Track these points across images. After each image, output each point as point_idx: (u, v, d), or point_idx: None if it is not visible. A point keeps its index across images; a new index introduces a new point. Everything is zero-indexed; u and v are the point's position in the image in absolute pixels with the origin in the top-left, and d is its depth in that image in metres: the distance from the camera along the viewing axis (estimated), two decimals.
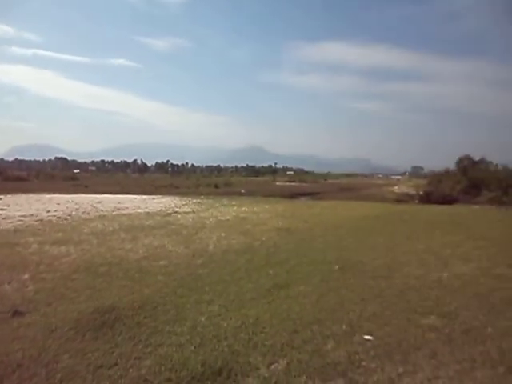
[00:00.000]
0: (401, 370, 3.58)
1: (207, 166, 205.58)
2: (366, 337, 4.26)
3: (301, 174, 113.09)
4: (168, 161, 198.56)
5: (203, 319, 4.72)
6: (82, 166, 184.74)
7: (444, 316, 4.84)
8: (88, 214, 15.78)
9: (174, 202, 22.19)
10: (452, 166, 40.93)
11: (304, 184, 61.01)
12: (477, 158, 36.96)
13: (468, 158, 40.57)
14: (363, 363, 3.70)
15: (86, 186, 41.08)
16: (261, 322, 4.65)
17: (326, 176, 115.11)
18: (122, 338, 4.17)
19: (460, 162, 39.91)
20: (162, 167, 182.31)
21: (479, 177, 30.08)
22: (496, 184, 24.52)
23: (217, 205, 20.03)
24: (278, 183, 63.17)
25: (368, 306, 5.17)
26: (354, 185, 58.57)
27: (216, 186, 44.58)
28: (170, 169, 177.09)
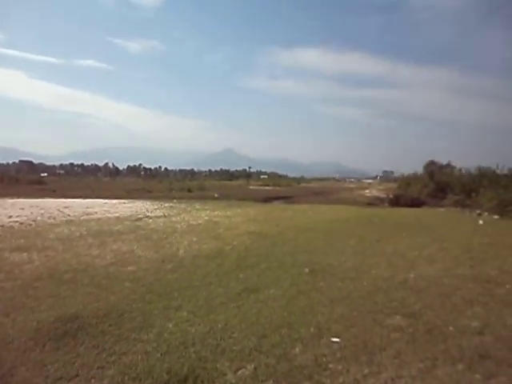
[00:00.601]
0: (366, 370, 3.64)
1: (181, 170, 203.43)
2: (334, 339, 4.30)
3: (275, 178, 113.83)
4: (140, 164, 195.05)
5: (171, 325, 4.63)
6: (50, 169, 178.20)
7: (409, 316, 4.95)
8: (54, 218, 15.22)
9: (146, 206, 21.78)
10: (420, 170, 42.37)
11: (278, 188, 61.37)
12: (443, 163, 38.36)
13: (435, 162, 42.10)
14: (330, 365, 3.73)
15: (54, 191, 39.64)
16: (229, 326, 4.62)
17: (299, 180, 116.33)
18: (85, 347, 4.03)
19: (427, 166, 41.35)
20: (134, 171, 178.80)
21: (445, 181, 31.23)
22: (460, 188, 25.52)
23: (189, 209, 19.82)
24: (251, 187, 63.26)
25: (336, 308, 5.24)
26: (326, 188, 59.45)
27: (189, 190, 44.11)
28: (142, 172, 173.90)
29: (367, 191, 53.07)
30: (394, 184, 62.53)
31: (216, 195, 35.54)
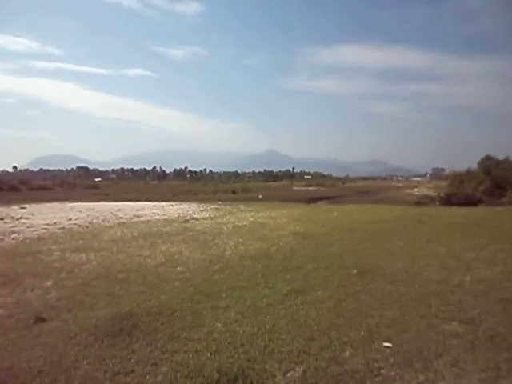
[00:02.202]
0: (421, 378, 3.48)
1: (225, 172, 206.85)
2: (385, 344, 4.16)
3: (318, 178, 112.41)
4: (186, 167, 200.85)
5: (220, 325, 4.72)
6: (103, 174, 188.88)
7: (467, 322, 4.68)
8: (108, 221, 16.09)
9: (192, 208, 22.40)
10: (474, 165, 39.96)
11: (322, 188, 60.53)
12: (500, 158, 35.97)
13: (491, 157, 39.50)
14: (382, 371, 3.61)
15: (107, 194, 41.96)
16: (277, 328, 4.62)
17: (343, 179, 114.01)
18: (140, 344, 4.21)
19: (483, 161, 38.90)
20: (180, 174, 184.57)
21: (503, 176, 29.18)
22: None
23: (234, 210, 20.09)
24: (295, 188, 62.92)
25: (387, 312, 5.06)
26: (372, 188, 57.74)
27: (233, 192, 44.73)
28: (188, 175, 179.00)
29: (416, 190, 50.90)
30: (445, 182, 59.47)
31: (260, 196, 35.75)
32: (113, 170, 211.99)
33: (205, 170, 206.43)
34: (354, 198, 33.67)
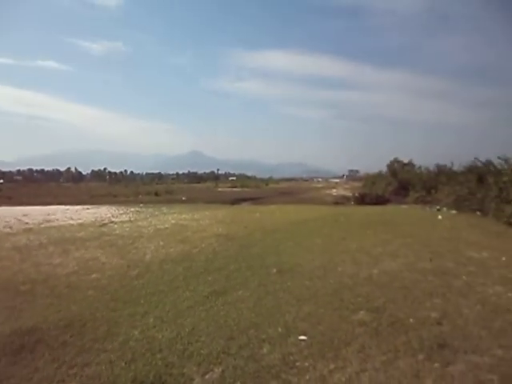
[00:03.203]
0: (332, 366, 3.71)
1: (148, 174, 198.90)
2: (301, 337, 4.36)
3: (243, 180, 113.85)
4: (105, 168, 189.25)
5: (136, 333, 4.53)
6: (6, 175, 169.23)
7: (373, 311, 5.10)
8: (11, 227, 14.48)
9: (111, 211, 21.18)
10: (385, 168, 43.78)
11: (246, 189, 61.44)
12: (405, 161, 39.84)
13: (398, 161, 43.64)
14: (297, 363, 3.78)
15: (10, 198, 37.70)
16: (197, 330, 4.58)
17: (267, 181, 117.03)
18: (44, 360, 3.86)
19: (391, 164, 42.83)
20: (99, 175, 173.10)
21: (407, 178, 32.39)
22: (421, 185, 26.55)
23: (156, 213, 19.44)
24: (220, 189, 62.97)
25: (303, 307, 5.31)
26: (294, 188, 60.15)
27: (156, 194, 43.28)
28: (107, 177, 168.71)
29: (334, 190, 54.15)
30: (360, 183, 64.26)
31: (184, 198, 35.10)
32: (18, 170, 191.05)
33: (125, 171, 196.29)
34: (276, 199, 34.72)
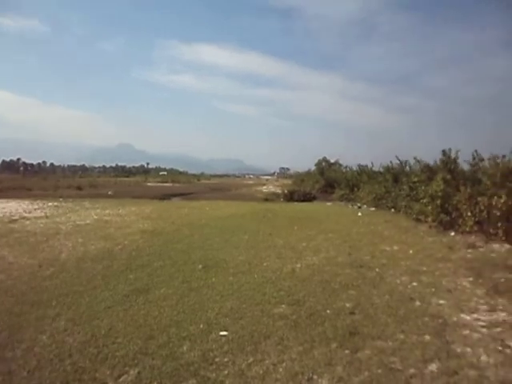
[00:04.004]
0: (251, 359, 3.77)
1: (70, 166, 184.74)
2: (222, 333, 4.37)
3: (174, 175, 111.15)
4: (19, 159, 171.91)
5: (44, 338, 4.19)
6: None
7: (293, 304, 5.29)
8: None
9: (23, 206, 19.27)
10: (313, 167, 45.76)
11: (177, 184, 60.10)
12: (332, 161, 42.04)
13: (325, 160, 45.87)
14: (216, 359, 3.78)
15: None
16: (114, 331, 4.36)
17: (199, 176, 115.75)
18: None
19: (319, 163, 44.91)
20: (10, 167, 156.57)
21: (333, 177, 34.19)
22: (345, 183, 28.19)
23: (77, 208, 18.13)
24: (149, 184, 60.80)
25: (227, 303, 5.32)
26: (225, 185, 60.26)
27: (79, 188, 40.38)
28: (22, 168, 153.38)
29: (265, 187, 55.31)
30: (290, 180, 66.37)
31: (110, 193, 33.26)
32: None
33: (44, 162, 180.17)
34: (207, 195, 34.48)
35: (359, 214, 16.92)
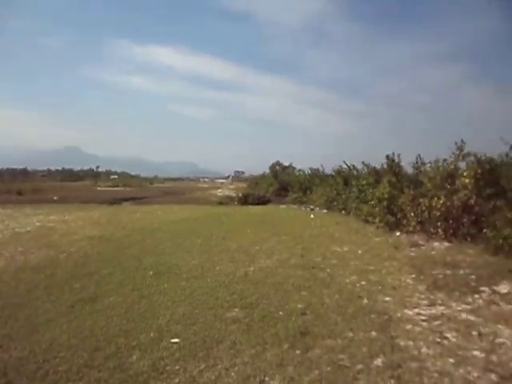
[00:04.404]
0: (202, 366, 3.72)
1: (9, 169, 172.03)
2: (173, 340, 4.27)
3: (126, 178, 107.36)
4: None
5: None
6: None
7: (246, 307, 5.29)
8: None
9: None
10: (268, 170, 46.30)
11: (128, 188, 58.10)
12: (286, 164, 42.81)
13: (279, 164, 46.62)
14: (167, 368, 3.68)
15: None
16: (56, 345, 4.12)
17: (152, 180, 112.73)
18: None
19: (272, 166, 45.58)
20: None
21: (286, 180, 34.79)
22: (298, 186, 28.78)
23: (16, 215, 16.92)
24: (99, 188, 58.24)
25: (179, 309, 5.22)
26: (179, 188, 59.21)
27: (19, 193, 37.76)
28: None
29: (219, 191, 55.05)
30: (245, 183, 66.59)
31: (55, 198, 31.42)
32: None
33: None
34: (160, 199, 33.64)
35: (312, 216, 17.33)
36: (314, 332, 4.43)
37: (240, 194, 33.19)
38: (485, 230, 8.42)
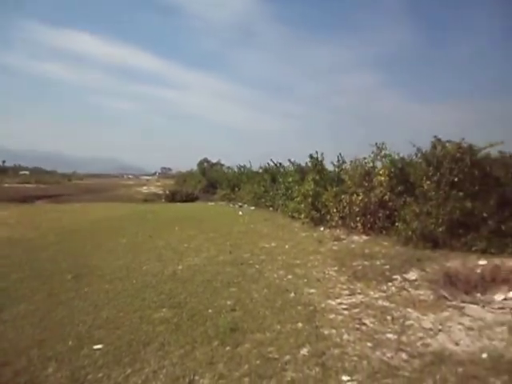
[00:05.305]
0: (128, 371, 3.55)
1: None
2: (96, 346, 4.01)
3: (39, 174, 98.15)
4: None
5: None
6: None
7: (175, 307, 5.16)
8: None
9: None
10: (196, 167, 45.71)
11: (42, 185, 53.22)
12: (214, 161, 42.66)
13: (207, 160, 46.28)
14: (89, 377, 3.45)
15: None
16: None
17: (70, 176, 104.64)
18: None
19: (200, 163, 45.11)
20: None
21: (215, 177, 34.70)
22: (226, 183, 28.87)
23: None
24: (7, 185, 52.48)
25: (101, 313, 4.92)
26: (102, 185, 55.84)
27: None
28: None
29: (145, 187, 53.10)
30: (172, 180, 64.98)
31: None
32: None
33: None
34: (80, 197, 31.42)
35: (240, 213, 17.50)
36: (243, 327, 4.47)
37: (167, 191, 32.37)
38: (397, 224, 9.23)
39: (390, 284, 6.06)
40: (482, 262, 6.73)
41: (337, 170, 13.51)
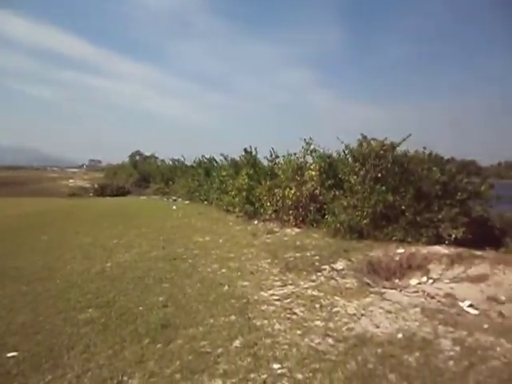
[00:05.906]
0: (49, 377, 3.33)
1: None
2: (10, 354, 3.68)
3: None
4: None
5: None
6: None
7: (102, 306, 4.91)
8: None
9: None
10: (127, 159, 43.77)
11: None
12: (148, 154, 41.19)
13: (139, 153, 44.49)
14: None
15: None
16: None
17: None
18: None
19: (132, 156, 43.26)
20: None
21: (148, 170, 33.52)
22: (160, 177, 28.04)
23: None
24: None
25: (17, 318, 4.53)
26: (21, 178, 51.07)
27: None
28: None
29: (71, 181, 49.73)
30: (102, 173, 61.55)
31: None
32: None
33: None
34: None
35: (174, 207, 17.12)
36: (175, 323, 4.39)
37: (96, 185, 30.62)
38: (326, 216, 9.69)
39: (319, 274, 6.34)
40: (400, 250, 7.33)
41: (270, 164, 13.76)
